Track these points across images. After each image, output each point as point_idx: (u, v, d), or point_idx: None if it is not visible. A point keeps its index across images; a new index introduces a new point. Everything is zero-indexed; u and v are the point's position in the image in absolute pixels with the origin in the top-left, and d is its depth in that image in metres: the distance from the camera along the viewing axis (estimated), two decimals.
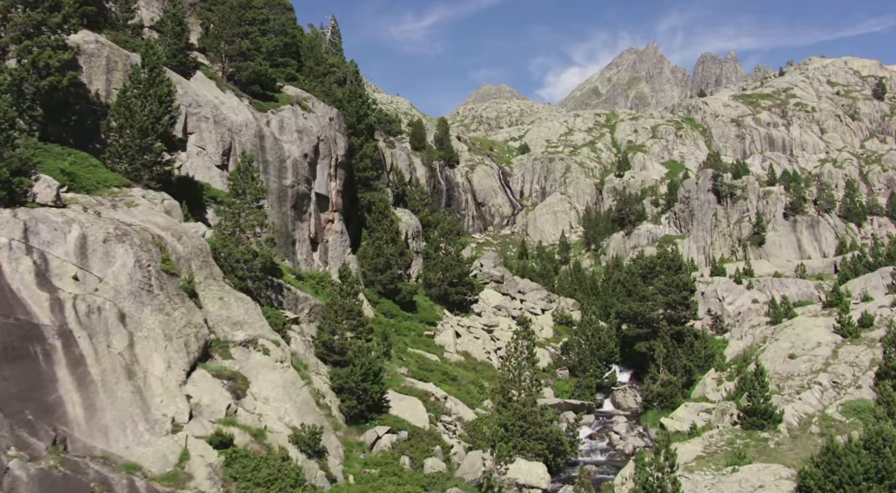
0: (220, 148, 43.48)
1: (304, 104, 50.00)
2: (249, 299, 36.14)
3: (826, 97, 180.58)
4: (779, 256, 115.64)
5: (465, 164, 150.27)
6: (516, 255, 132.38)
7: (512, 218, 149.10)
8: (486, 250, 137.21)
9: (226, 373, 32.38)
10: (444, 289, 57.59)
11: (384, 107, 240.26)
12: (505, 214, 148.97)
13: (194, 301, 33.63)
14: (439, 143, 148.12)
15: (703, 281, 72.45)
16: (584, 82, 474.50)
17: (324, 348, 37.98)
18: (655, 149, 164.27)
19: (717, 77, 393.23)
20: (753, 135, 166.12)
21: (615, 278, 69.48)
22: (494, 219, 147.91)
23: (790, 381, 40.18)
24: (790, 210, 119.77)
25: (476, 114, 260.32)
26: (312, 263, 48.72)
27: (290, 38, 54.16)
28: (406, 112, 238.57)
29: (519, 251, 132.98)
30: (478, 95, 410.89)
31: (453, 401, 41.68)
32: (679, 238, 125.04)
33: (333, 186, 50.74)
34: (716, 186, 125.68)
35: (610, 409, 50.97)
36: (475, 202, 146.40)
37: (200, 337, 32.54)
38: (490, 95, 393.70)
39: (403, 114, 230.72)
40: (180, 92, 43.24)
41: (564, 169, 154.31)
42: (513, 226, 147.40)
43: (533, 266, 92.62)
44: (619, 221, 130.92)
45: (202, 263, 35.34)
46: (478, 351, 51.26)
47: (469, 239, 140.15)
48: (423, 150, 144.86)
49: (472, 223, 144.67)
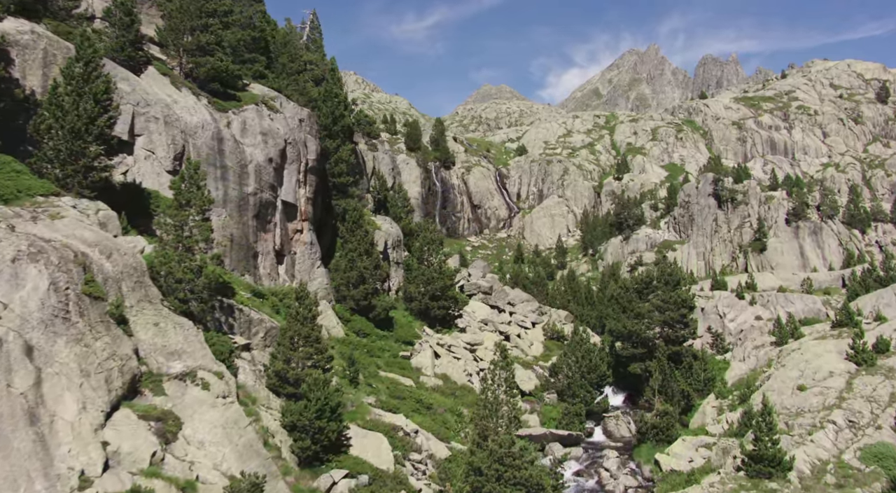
0: (172, 152, 38.78)
1: (270, 104, 45.29)
2: (191, 324, 31.44)
3: (829, 100, 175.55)
4: (781, 263, 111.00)
5: (462, 165, 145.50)
6: (512, 259, 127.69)
7: (508, 221, 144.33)
8: (482, 253, 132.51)
9: (154, 413, 27.67)
10: (426, 303, 52.90)
11: (382, 106, 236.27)
12: (501, 217, 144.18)
13: (123, 329, 28.94)
14: (435, 144, 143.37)
15: (702, 296, 67.65)
16: (585, 83, 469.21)
17: (277, 378, 33.32)
18: (655, 151, 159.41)
19: (718, 79, 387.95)
20: (755, 138, 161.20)
21: (610, 291, 64.71)
22: (491, 222, 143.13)
23: (800, 418, 35.47)
24: (792, 216, 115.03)
25: (475, 114, 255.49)
26: (277, 277, 44.04)
27: (258, 33, 49.42)
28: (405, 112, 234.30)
29: (515, 256, 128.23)
30: (478, 96, 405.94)
31: (425, 435, 37.00)
32: (678, 244, 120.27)
33: (302, 193, 46.07)
34: (716, 191, 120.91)
35: (601, 439, 46.22)
36: (471, 205, 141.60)
37: (127, 371, 27.86)
38: (490, 95, 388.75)
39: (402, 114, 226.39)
40: (127, 89, 38.57)
41: (562, 171, 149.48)
42: (509, 229, 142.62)
43: (527, 274, 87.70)
44: (617, 226, 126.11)
45: (136, 283, 30.64)
46: (458, 373, 46.57)
47: (464, 242, 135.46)
48: (419, 151, 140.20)
49: (468, 226, 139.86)
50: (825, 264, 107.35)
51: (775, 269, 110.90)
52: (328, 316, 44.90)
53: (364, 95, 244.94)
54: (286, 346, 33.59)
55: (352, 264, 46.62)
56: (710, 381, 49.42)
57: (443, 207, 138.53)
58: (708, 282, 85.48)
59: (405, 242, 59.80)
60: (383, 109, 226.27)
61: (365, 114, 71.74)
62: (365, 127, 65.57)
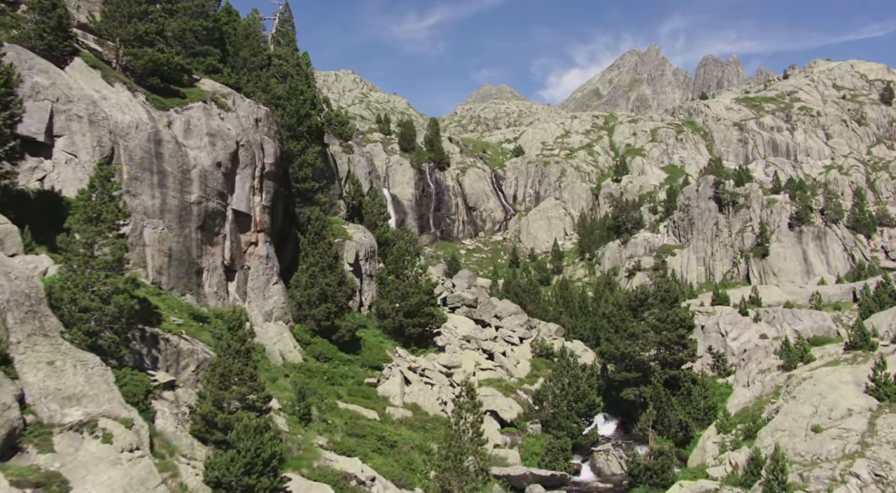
0: (98, 155, 33.36)
1: (221, 102, 39.82)
2: (98, 360, 25.90)
3: (832, 101, 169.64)
4: (783, 269, 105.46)
5: (457, 166, 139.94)
6: (507, 263, 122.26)
7: (504, 223, 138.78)
8: (476, 256, 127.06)
9: (34, 476, 22.18)
10: (399, 321, 47.41)
11: (380, 106, 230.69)
12: (497, 220, 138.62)
13: (4, 370, 23.55)
14: (430, 144, 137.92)
15: (703, 311, 61.93)
16: (585, 84, 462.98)
17: (204, 423, 27.87)
18: (655, 153, 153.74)
19: (718, 80, 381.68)
20: (756, 139, 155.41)
21: (604, 308, 59.17)
22: (486, 224, 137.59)
23: (817, 469, 29.98)
24: (796, 220, 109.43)
25: (474, 114, 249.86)
26: (226, 296, 38.62)
27: (211, 22, 43.95)
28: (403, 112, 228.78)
29: (510, 259, 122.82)
30: (478, 96, 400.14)
31: (383, 483, 31.54)
32: (678, 248, 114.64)
33: (258, 200, 40.69)
34: (717, 194, 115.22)
35: (589, 478, 40.63)
36: (466, 207, 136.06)
37: (4, 424, 22.48)
38: (491, 95, 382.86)
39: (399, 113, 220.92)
40: (45, 83, 33.13)
41: (560, 173, 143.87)
42: (505, 232, 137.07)
43: (519, 281, 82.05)
44: (615, 229, 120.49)
45: (28, 313, 25.17)
46: (430, 402, 41.14)
47: (458, 245, 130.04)
48: (413, 151, 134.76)
49: (463, 229, 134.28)
50: (830, 270, 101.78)
51: (778, 275, 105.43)
52: (284, 339, 39.48)
53: (361, 95, 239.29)
54: (215, 384, 28.14)
55: (313, 280, 41.18)
56: (711, 410, 43.95)
57: (437, 209, 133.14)
58: (708, 296, 79.49)
59: (380, 252, 54.24)
60: (381, 108, 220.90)
61: (337, 113, 66.11)
62: (336, 128, 59.92)
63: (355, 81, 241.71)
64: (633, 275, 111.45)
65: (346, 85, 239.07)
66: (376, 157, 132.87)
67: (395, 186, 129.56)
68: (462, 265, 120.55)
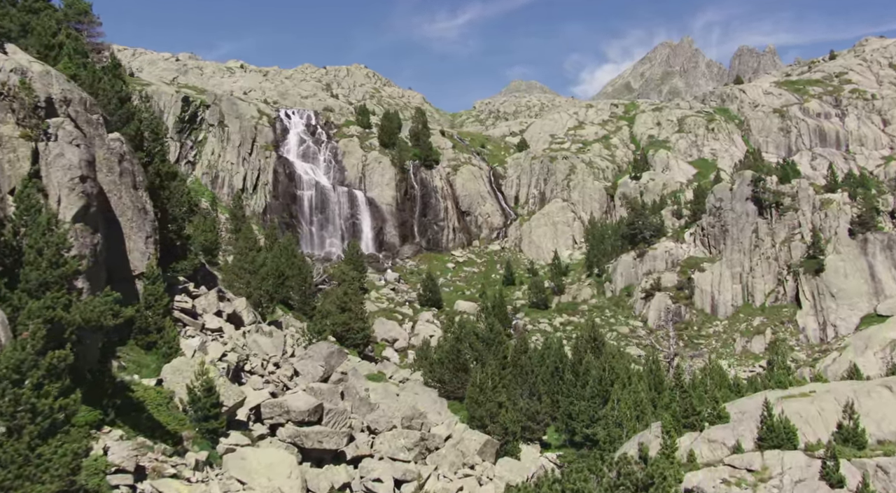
0: None
1: None
2: None
3: (888, 82, 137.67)
4: (843, 288, 76.79)
5: (448, 164, 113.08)
6: (500, 280, 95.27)
7: (503, 230, 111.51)
8: (467, 269, 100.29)
9: None
10: None
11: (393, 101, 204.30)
12: (495, 226, 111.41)
13: None
14: (415, 138, 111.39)
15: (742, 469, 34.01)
16: (617, 78, 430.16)
17: None
18: (682, 145, 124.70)
19: (754, 70, 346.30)
20: (801, 127, 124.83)
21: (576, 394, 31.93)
22: (482, 231, 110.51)
23: None
24: (858, 226, 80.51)
25: (493, 109, 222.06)
26: None
27: None
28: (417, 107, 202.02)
29: (504, 276, 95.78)
30: (507, 92, 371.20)
31: None
32: (707, 262, 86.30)
33: None
34: (756, 193, 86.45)
35: None
36: (457, 211, 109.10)
37: None
38: (520, 91, 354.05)
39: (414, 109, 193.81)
40: None
41: (568, 170, 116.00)
42: (503, 240, 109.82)
43: (476, 328, 53.90)
44: (629, 239, 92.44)
45: None
46: None
47: (447, 257, 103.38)
48: (394, 147, 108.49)
49: (454, 237, 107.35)
50: None
51: (836, 296, 76.69)
52: None
53: (374, 90, 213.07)
54: None
55: None
56: None
57: (423, 214, 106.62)
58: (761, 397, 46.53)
59: None
60: (394, 104, 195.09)
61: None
62: None
63: (367, 76, 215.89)
64: (652, 296, 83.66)
65: (357, 79, 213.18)
66: (350, 154, 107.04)
67: (373, 188, 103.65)
68: (446, 283, 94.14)
